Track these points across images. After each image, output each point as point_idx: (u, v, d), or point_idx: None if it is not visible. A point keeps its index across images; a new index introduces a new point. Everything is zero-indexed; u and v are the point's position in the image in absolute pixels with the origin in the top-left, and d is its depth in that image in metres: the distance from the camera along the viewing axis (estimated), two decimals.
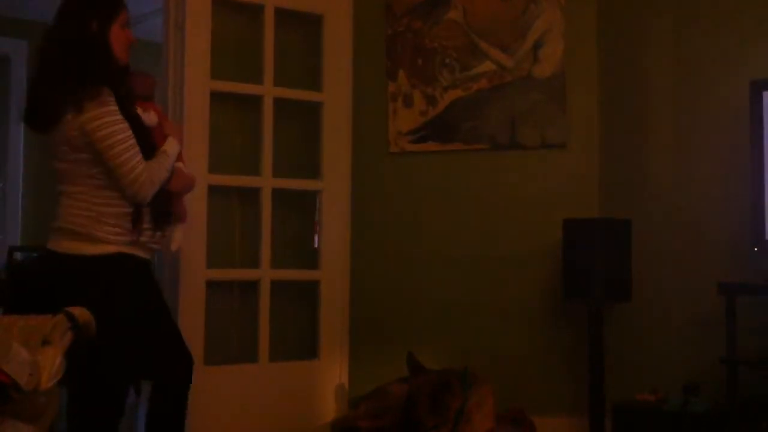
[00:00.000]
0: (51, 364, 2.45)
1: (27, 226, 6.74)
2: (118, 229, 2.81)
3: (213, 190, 3.84)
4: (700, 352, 3.68)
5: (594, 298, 3.70)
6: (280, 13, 4.05)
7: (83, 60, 2.78)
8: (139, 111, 2.94)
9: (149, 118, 2.97)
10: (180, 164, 3.05)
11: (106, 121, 2.72)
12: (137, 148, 2.78)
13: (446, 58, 4.28)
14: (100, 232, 2.78)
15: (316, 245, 4.24)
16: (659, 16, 4.04)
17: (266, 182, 3.97)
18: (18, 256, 5.88)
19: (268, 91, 3.99)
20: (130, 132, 2.77)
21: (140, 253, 2.89)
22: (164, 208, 2.93)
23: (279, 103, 4.03)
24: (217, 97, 3.88)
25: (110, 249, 2.79)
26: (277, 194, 4.02)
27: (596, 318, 3.73)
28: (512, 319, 4.16)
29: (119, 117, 2.75)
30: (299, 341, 4.18)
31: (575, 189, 4.15)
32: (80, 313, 2.64)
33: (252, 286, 3.96)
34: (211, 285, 3.82)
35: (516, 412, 3.90)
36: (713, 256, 3.78)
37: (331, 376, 4.13)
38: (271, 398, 3.92)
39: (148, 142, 2.88)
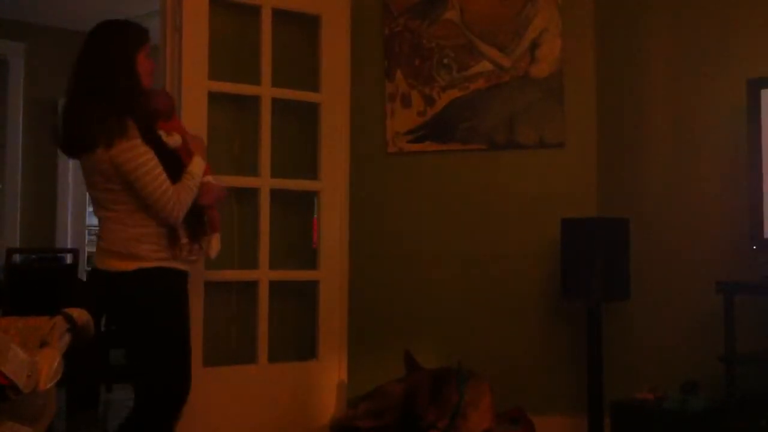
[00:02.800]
0: (49, 365, 2.45)
1: (25, 229, 6.75)
2: (156, 247, 2.94)
3: None
4: (698, 350, 3.68)
5: (592, 296, 3.70)
6: (278, 14, 4.05)
7: (113, 90, 2.90)
8: (163, 134, 3.04)
9: (173, 140, 3.06)
10: (209, 178, 3.14)
11: (134, 154, 2.84)
12: (164, 175, 2.90)
13: (444, 58, 4.28)
14: (141, 251, 2.93)
15: (314, 245, 4.24)
16: (657, 15, 4.05)
17: (264, 183, 3.97)
18: (16, 258, 5.88)
19: (266, 91, 3.99)
20: (156, 161, 2.89)
21: (179, 266, 3.02)
22: (198, 222, 3.06)
23: (277, 103, 4.03)
24: (215, 98, 3.88)
25: (151, 264, 2.93)
26: (276, 195, 4.01)
27: (595, 317, 3.73)
28: (511, 318, 4.16)
29: (145, 148, 2.87)
30: (298, 342, 4.18)
31: (573, 188, 4.15)
32: (78, 314, 2.65)
33: (250, 287, 3.96)
34: (210, 286, 3.82)
35: (515, 411, 3.91)
36: (711, 254, 3.78)
37: (330, 377, 4.12)
38: (270, 399, 3.91)
39: (175, 165, 3.00)
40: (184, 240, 2.99)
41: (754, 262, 3.49)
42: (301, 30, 4.23)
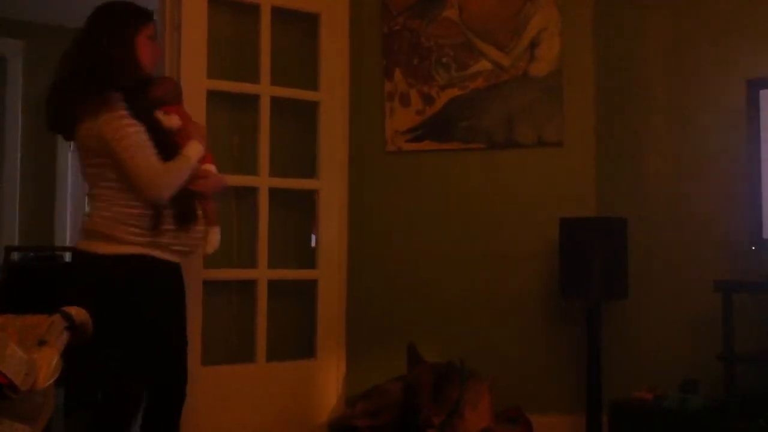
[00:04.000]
0: (47, 363, 2.44)
1: (23, 226, 6.74)
2: (137, 230, 2.83)
3: None
4: (697, 349, 3.69)
5: (591, 296, 3.70)
6: (277, 12, 4.05)
7: (102, 66, 2.84)
8: (160, 115, 2.97)
9: (170, 120, 2.99)
10: (210, 166, 3.08)
11: (119, 124, 2.77)
12: (151, 150, 2.82)
13: (443, 57, 4.28)
14: (119, 232, 2.82)
15: (313, 244, 4.24)
16: (656, 15, 4.05)
17: (263, 181, 3.97)
18: (15, 256, 5.87)
19: (265, 90, 3.99)
20: (144, 135, 2.81)
21: (162, 255, 2.90)
22: (186, 208, 2.93)
23: (276, 102, 4.03)
24: (213, 97, 3.87)
25: (128, 249, 2.82)
26: (274, 193, 4.01)
27: (593, 316, 3.73)
28: (509, 317, 4.16)
29: (131, 121, 2.79)
30: (297, 341, 4.18)
31: (572, 187, 4.15)
32: (77, 312, 2.64)
33: (249, 286, 3.96)
34: (208, 285, 3.82)
35: (513, 411, 3.91)
36: (710, 254, 3.78)
37: (328, 376, 4.13)
38: (268, 398, 3.92)
39: (169, 145, 2.91)
40: (169, 226, 2.87)
41: (753, 262, 3.50)
42: (300, 28, 4.23)
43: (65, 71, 2.91)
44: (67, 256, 5.88)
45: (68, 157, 7.09)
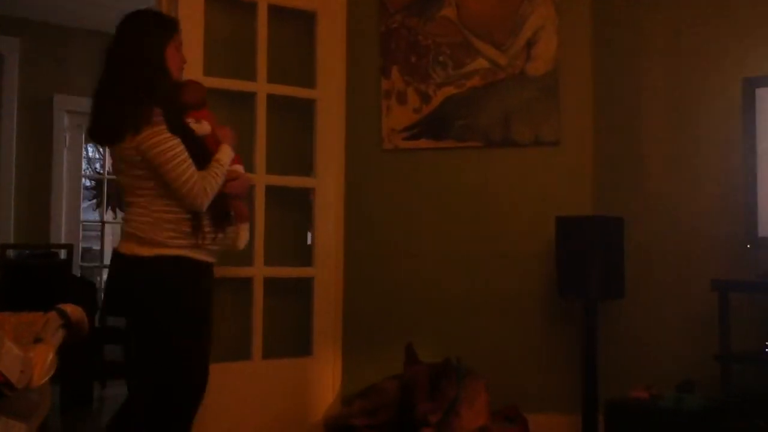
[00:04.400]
0: (43, 361, 2.44)
1: (19, 224, 6.74)
2: (176, 234, 2.93)
3: None
4: (694, 348, 3.69)
5: (588, 295, 3.70)
6: (274, 10, 4.04)
7: (141, 79, 2.92)
8: (192, 122, 3.06)
9: (202, 128, 3.08)
10: (238, 167, 3.18)
11: (159, 139, 2.86)
12: (189, 161, 2.91)
13: (440, 55, 4.28)
14: (159, 236, 2.92)
15: (309, 242, 4.24)
16: (653, 14, 4.05)
17: (260, 179, 3.96)
18: (10, 253, 5.87)
19: (262, 87, 3.98)
20: (181, 147, 2.90)
21: (201, 257, 3.00)
22: (222, 210, 3.05)
23: (272, 99, 4.02)
24: (210, 94, 3.84)
25: (171, 252, 2.93)
26: (271, 191, 4.01)
27: (590, 315, 3.73)
28: (506, 316, 4.16)
29: (169, 135, 2.88)
30: (293, 338, 4.17)
31: (568, 186, 4.15)
32: (72, 310, 2.64)
33: (245, 284, 3.95)
34: None
35: (509, 409, 3.91)
36: (707, 253, 3.79)
37: (324, 374, 4.13)
38: (264, 395, 3.91)
39: (203, 152, 3.01)
40: (207, 228, 2.98)
41: (750, 261, 3.50)
42: (296, 26, 4.23)
43: (105, 84, 2.99)
44: (63, 253, 5.89)
45: (64, 154, 7.09)
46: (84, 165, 7.98)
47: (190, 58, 3.75)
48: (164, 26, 3.06)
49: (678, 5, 3.98)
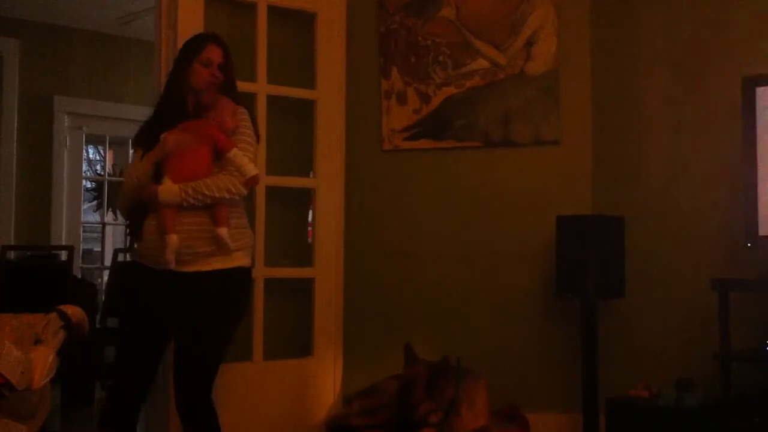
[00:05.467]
0: (43, 362, 2.45)
1: (20, 225, 6.74)
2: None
3: None
4: (693, 347, 3.69)
5: (587, 294, 3.70)
6: (273, 11, 4.04)
7: (158, 107, 3.20)
8: (165, 135, 3.05)
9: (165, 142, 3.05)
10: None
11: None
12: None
13: (439, 56, 4.28)
14: None
15: (310, 243, 4.24)
16: (652, 13, 4.05)
17: (260, 180, 3.95)
18: (11, 255, 5.87)
19: (262, 88, 3.98)
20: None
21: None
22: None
23: (272, 100, 4.02)
24: None
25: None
26: (271, 192, 4.01)
27: (590, 314, 3.73)
28: (506, 315, 4.16)
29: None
30: (293, 339, 4.18)
31: (568, 186, 4.15)
32: (73, 311, 2.64)
33: None
34: None
35: (510, 409, 3.91)
36: (707, 252, 3.78)
37: (325, 374, 4.13)
38: (265, 396, 3.91)
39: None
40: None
41: (749, 260, 3.50)
42: (296, 27, 4.23)
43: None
44: (63, 255, 5.88)
45: (64, 156, 7.09)
46: (84, 166, 7.98)
47: None
48: (190, 45, 3.20)
49: (677, 4, 3.98)
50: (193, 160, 3.00)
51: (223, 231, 2.99)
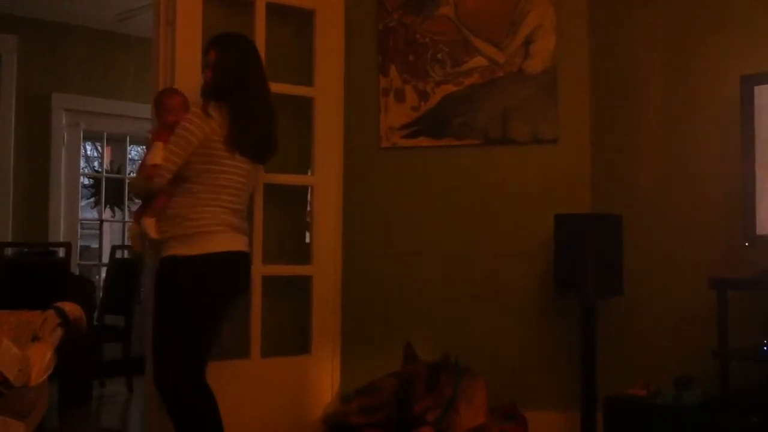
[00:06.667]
0: (41, 359, 2.44)
1: (17, 222, 6.73)
2: None
3: None
4: (691, 346, 3.69)
5: (586, 293, 3.70)
6: (272, 8, 4.04)
7: None
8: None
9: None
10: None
11: None
12: None
13: (438, 53, 4.27)
14: None
15: (308, 240, 4.23)
16: (651, 11, 4.05)
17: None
18: (8, 252, 5.86)
19: None
20: None
21: None
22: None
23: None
24: None
25: None
26: (269, 189, 4.01)
27: (588, 313, 3.73)
28: (505, 313, 4.16)
29: None
30: (291, 337, 4.18)
31: (567, 184, 4.15)
32: (71, 308, 2.64)
33: None
34: None
35: (509, 407, 3.91)
36: (705, 250, 3.78)
37: (323, 372, 4.13)
38: (263, 394, 3.91)
39: None
40: None
41: (748, 258, 3.50)
42: (295, 24, 4.23)
43: None
44: (61, 252, 5.88)
45: (62, 152, 7.09)
46: (82, 163, 7.98)
47: (188, 58, 3.77)
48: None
49: (676, 3, 3.98)
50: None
51: (146, 221, 3.21)
